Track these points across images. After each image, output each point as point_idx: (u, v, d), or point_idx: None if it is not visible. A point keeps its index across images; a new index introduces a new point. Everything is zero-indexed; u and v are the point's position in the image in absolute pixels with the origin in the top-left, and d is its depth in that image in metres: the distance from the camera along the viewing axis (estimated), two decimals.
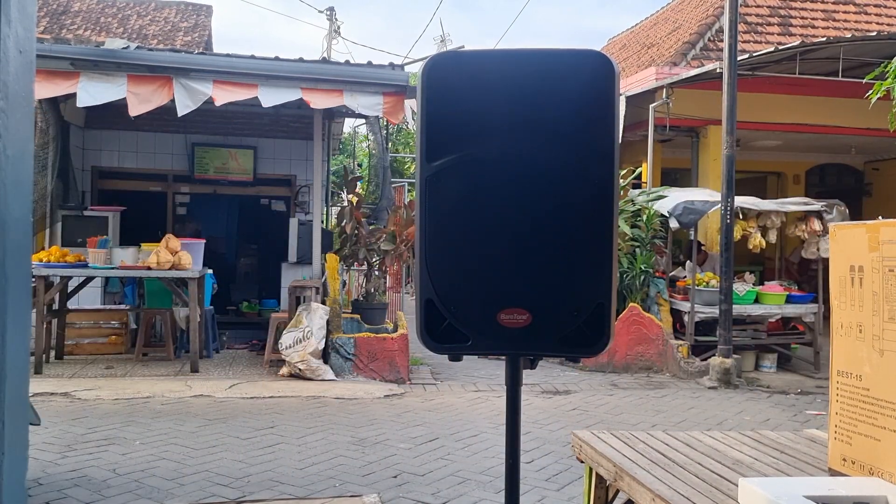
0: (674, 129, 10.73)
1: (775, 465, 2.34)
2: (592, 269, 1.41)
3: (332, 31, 20.69)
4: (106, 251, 7.75)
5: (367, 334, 7.94)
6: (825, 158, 14.23)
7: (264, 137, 10.64)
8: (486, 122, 1.42)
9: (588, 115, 1.40)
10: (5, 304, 0.77)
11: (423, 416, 6.20)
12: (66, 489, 4.21)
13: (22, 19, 0.79)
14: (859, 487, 1.81)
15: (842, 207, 8.94)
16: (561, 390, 7.48)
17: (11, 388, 0.78)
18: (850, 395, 1.98)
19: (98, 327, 8.66)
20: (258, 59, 7.76)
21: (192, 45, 15.78)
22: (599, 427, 5.87)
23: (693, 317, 8.44)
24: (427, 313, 1.44)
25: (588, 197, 1.40)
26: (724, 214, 7.99)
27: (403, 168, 21.65)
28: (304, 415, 6.02)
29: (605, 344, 1.42)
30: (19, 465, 0.80)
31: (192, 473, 4.55)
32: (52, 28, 16.25)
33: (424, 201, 1.43)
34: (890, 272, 1.85)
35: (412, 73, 8.11)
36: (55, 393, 6.58)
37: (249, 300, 10.84)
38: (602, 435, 2.71)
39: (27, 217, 0.82)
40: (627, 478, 2.26)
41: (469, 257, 1.43)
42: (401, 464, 4.83)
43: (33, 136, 0.84)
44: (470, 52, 1.61)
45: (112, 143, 10.34)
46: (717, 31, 13.02)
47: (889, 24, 14.38)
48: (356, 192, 9.87)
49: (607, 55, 1.44)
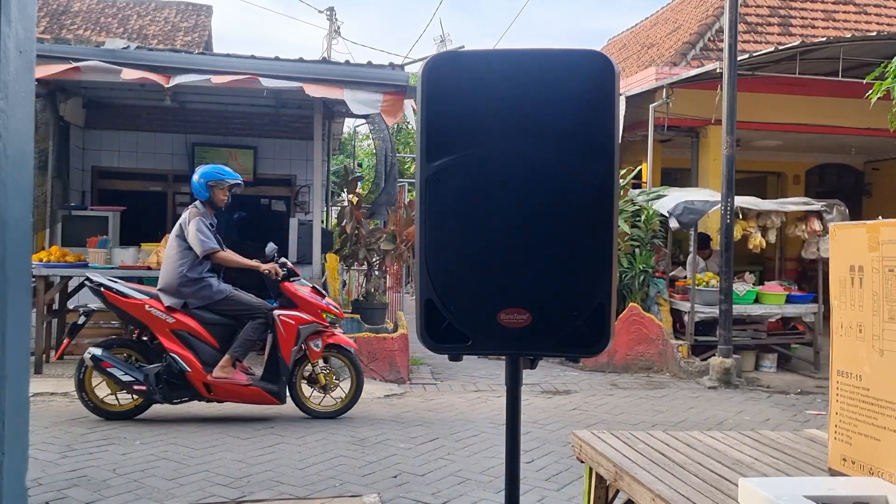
0: (673, 129, 10.74)
1: (775, 465, 2.34)
2: (592, 269, 1.41)
3: (331, 31, 20.70)
4: (106, 251, 7.75)
5: (367, 334, 7.94)
6: (825, 158, 14.23)
7: (264, 137, 10.65)
8: (486, 123, 1.42)
9: (588, 116, 1.40)
10: (5, 304, 0.77)
11: (423, 416, 6.20)
12: (65, 489, 4.21)
13: (22, 19, 0.79)
14: (859, 487, 1.81)
15: (842, 207, 8.94)
16: (561, 390, 7.48)
17: (11, 388, 0.78)
18: (850, 395, 1.98)
19: (98, 327, 8.65)
20: (258, 59, 7.77)
21: (192, 45, 15.79)
22: (599, 427, 5.87)
23: (693, 317, 8.44)
24: (427, 313, 1.44)
25: (588, 197, 1.40)
26: (724, 214, 8.00)
27: (403, 168, 21.65)
28: (305, 415, 6.02)
29: (605, 344, 1.42)
30: (19, 465, 0.80)
31: (192, 473, 4.55)
32: (52, 28, 16.25)
33: (424, 201, 1.43)
34: (890, 272, 1.85)
35: (412, 73, 8.11)
36: (55, 393, 6.57)
37: None
38: (602, 435, 2.71)
39: (27, 217, 0.82)
40: (627, 478, 2.26)
41: (469, 257, 1.43)
42: (401, 464, 4.83)
43: (33, 136, 0.84)
44: (470, 52, 1.60)
45: (112, 143, 10.34)
46: (717, 31, 13.02)
47: (889, 24, 14.38)
48: (356, 192, 9.87)
49: (607, 55, 1.44)
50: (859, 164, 14.38)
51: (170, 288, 5.64)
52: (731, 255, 7.99)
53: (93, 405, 5.68)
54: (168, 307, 5.60)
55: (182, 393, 5.65)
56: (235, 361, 5.67)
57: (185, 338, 5.59)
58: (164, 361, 5.58)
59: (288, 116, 10.58)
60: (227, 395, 5.69)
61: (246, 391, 5.68)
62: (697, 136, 11.36)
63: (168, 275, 5.66)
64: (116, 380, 5.54)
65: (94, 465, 4.65)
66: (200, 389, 5.62)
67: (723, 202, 8.00)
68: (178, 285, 5.61)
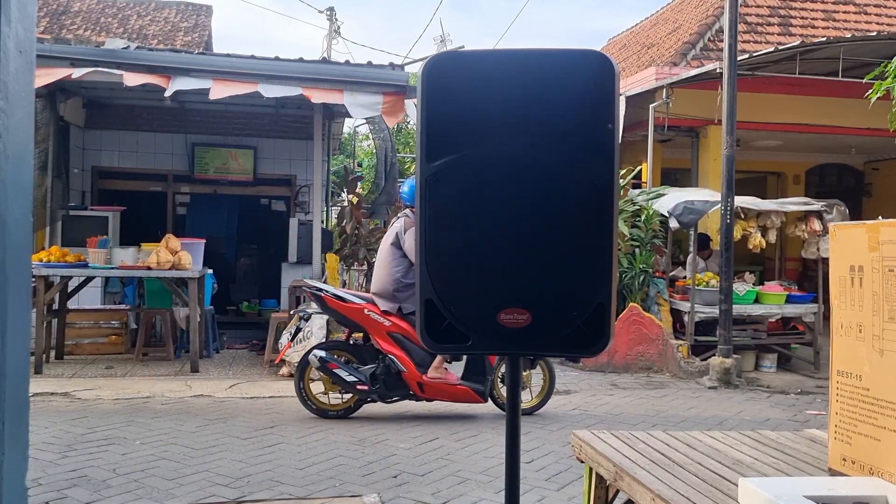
0: (673, 129, 10.73)
1: (775, 465, 2.34)
2: (592, 269, 1.41)
3: (331, 31, 20.70)
4: (106, 251, 7.75)
5: None
6: (825, 158, 14.23)
7: (264, 137, 10.65)
8: (486, 122, 1.42)
9: (588, 115, 1.40)
10: (5, 304, 0.77)
11: (423, 416, 6.19)
12: (65, 489, 4.21)
13: (22, 19, 0.79)
14: (859, 487, 1.81)
15: (842, 207, 8.94)
16: (561, 390, 7.47)
17: (11, 388, 0.78)
18: (850, 395, 1.98)
19: (98, 327, 8.66)
20: (258, 59, 7.77)
21: (192, 46, 15.78)
22: (599, 427, 5.87)
23: (693, 317, 8.44)
24: (427, 313, 1.44)
25: (588, 197, 1.40)
26: (724, 214, 7.99)
27: (403, 168, 21.65)
28: (304, 415, 6.03)
29: (605, 344, 1.42)
30: (19, 465, 0.80)
31: (192, 473, 4.55)
32: (52, 28, 16.25)
33: (424, 201, 1.43)
34: (890, 272, 1.85)
35: (412, 73, 8.11)
36: (55, 393, 6.58)
37: (249, 300, 10.84)
38: (602, 435, 2.70)
39: (27, 217, 0.82)
40: (627, 478, 2.26)
41: (469, 257, 1.43)
42: (401, 464, 4.83)
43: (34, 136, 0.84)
44: (470, 52, 1.61)
45: (112, 143, 10.35)
46: (717, 31, 13.02)
47: (889, 24, 14.38)
48: (356, 192, 9.88)
49: (607, 55, 1.44)
50: (859, 164, 14.37)
51: (385, 293, 5.94)
52: (731, 255, 7.98)
53: (314, 406, 6.01)
54: (384, 311, 5.91)
55: (396, 392, 5.94)
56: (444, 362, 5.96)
57: (400, 340, 5.88)
58: (379, 362, 5.89)
59: (288, 116, 10.59)
60: (438, 395, 5.93)
61: (456, 390, 5.90)
62: (697, 136, 11.35)
63: (383, 280, 5.96)
64: (341, 380, 5.86)
65: (94, 465, 4.65)
66: (414, 389, 5.90)
67: (723, 202, 8.00)
68: (394, 290, 5.92)
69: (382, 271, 5.99)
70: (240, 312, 10.63)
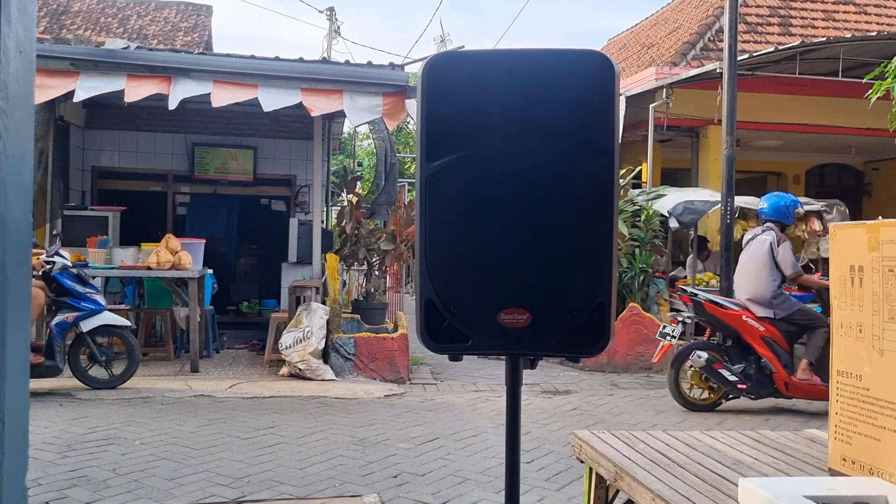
0: (673, 129, 10.74)
1: (775, 465, 2.34)
2: (592, 269, 1.41)
3: (331, 31, 20.70)
4: (106, 251, 7.75)
5: (367, 334, 7.94)
6: (825, 158, 14.23)
7: (264, 137, 10.64)
8: (486, 123, 1.42)
9: (588, 115, 1.40)
10: (5, 304, 0.77)
11: (423, 416, 6.20)
12: (65, 489, 4.21)
13: (22, 19, 0.79)
14: (859, 487, 1.81)
15: (842, 207, 8.95)
16: (561, 390, 7.48)
17: (11, 388, 0.78)
18: (850, 395, 1.98)
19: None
20: (258, 59, 7.76)
21: (192, 45, 15.78)
22: (599, 427, 5.87)
23: None
24: (427, 313, 1.44)
25: (588, 197, 1.40)
26: (724, 214, 8.00)
27: (403, 168, 21.65)
28: (304, 415, 6.03)
29: (606, 344, 1.42)
30: (19, 465, 0.79)
31: (192, 473, 4.54)
32: (52, 28, 16.25)
33: (424, 201, 1.43)
34: (890, 272, 1.85)
35: (412, 73, 8.11)
36: (55, 393, 6.58)
37: (249, 300, 10.83)
38: (602, 435, 2.70)
39: (27, 217, 0.82)
40: (627, 478, 2.26)
41: (469, 257, 1.43)
42: (401, 464, 4.83)
43: (34, 136, 0.84)
44: (470, 52, 1.61)
45: (112, 143, 10.34)
46: (717, 31, 13.03)
47: (889, 24, 14.38)
48: (356, 192, 9.87)
49: (607, 55, 1.44)
50: (859, 164, 14.38)
51: (762, 300, 6.39)
52: (731, 255, 7.98)
53: (682, 400, 6.60)
54: (760, 317, 6.37)
55: (765, 391, 6.43)
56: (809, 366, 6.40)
57: (771, 344, 6.37)
58: (748, 363, 6.41)
59: (288, 116, 10.56)
60: (804, 394, 6.40)
61: (819, 390, 6.24)
62: (697, 136, 11.36)
63: (760, 289, 6.40)
64: (723, 379, 6.39)
65: (94, 465, 4.65)
66: (781, 388, 6.39)
67: (723, 202, 8.00)
68: (771, 298, 6.36)
69: (758, 280, 6.42)
70: (240, 312, 10.62)
